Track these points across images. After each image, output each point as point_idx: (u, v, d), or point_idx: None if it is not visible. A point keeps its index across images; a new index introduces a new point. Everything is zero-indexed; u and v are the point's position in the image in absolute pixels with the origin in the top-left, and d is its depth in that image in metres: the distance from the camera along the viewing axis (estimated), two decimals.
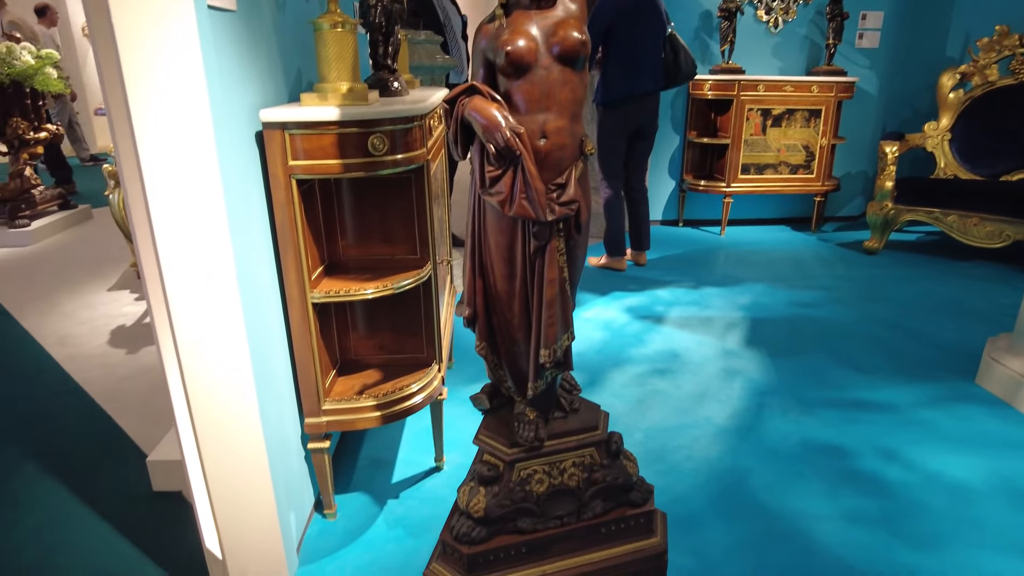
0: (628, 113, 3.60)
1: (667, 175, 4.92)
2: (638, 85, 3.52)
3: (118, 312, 3.51)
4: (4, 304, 3.70)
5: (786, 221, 5.06)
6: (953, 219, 4.10)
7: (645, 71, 3.51)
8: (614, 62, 3.51)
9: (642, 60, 3.49)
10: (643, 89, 3.54)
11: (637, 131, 3.68)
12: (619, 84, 3.52)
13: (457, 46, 4.03)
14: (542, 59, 1.13)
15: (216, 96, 1.28)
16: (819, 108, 4.51)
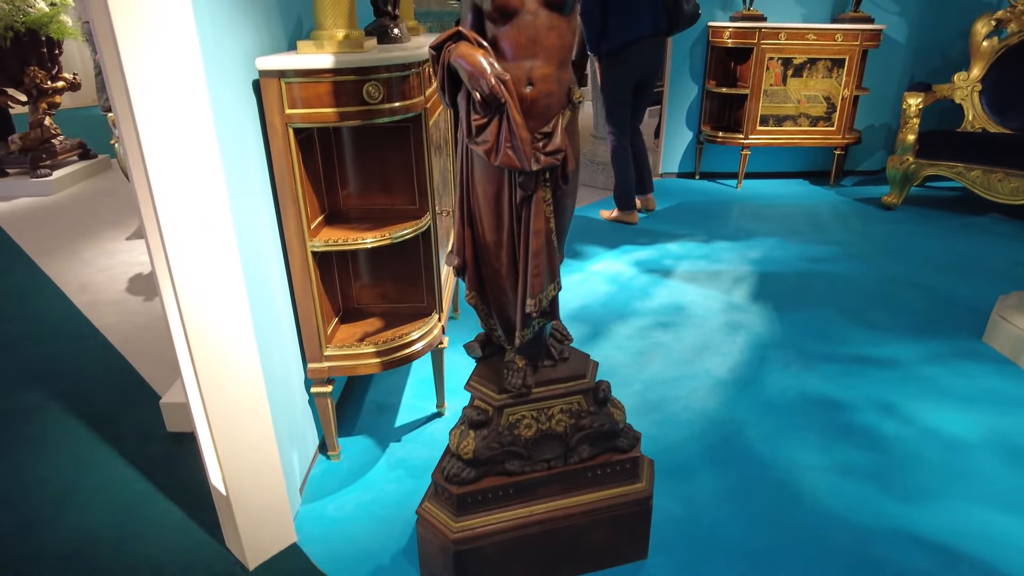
0: (631, 60, 3.52)
1: (684, 126, 4.82)
2: (639, 29, 3.44)
3: (136, 260, 3.59)
4: (28, 252, 3.80)
5: (805, 175, 4.96)
6: (977, 174, 3.99)
7: (645, 14, 3.43)
8: (615, 7, 3.41)
9: (641, 3, 3.41)
10: (643, 32, 3.45)
11: (648, 79, 3.62)
12: (619, 30, 3.44)
13: None
14: (528, 4, 1.12)
15: (208, 45, 1.28)
16: (843, 58, 4.36)
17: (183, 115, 1.24)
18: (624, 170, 3.77)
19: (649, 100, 3.74)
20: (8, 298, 3.17)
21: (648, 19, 3.44)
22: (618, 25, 3.44)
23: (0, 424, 2.15)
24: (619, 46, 3.48)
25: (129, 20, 1.16)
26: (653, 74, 3.64)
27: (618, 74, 3.58)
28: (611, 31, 3.46)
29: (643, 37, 3.46)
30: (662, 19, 3.49)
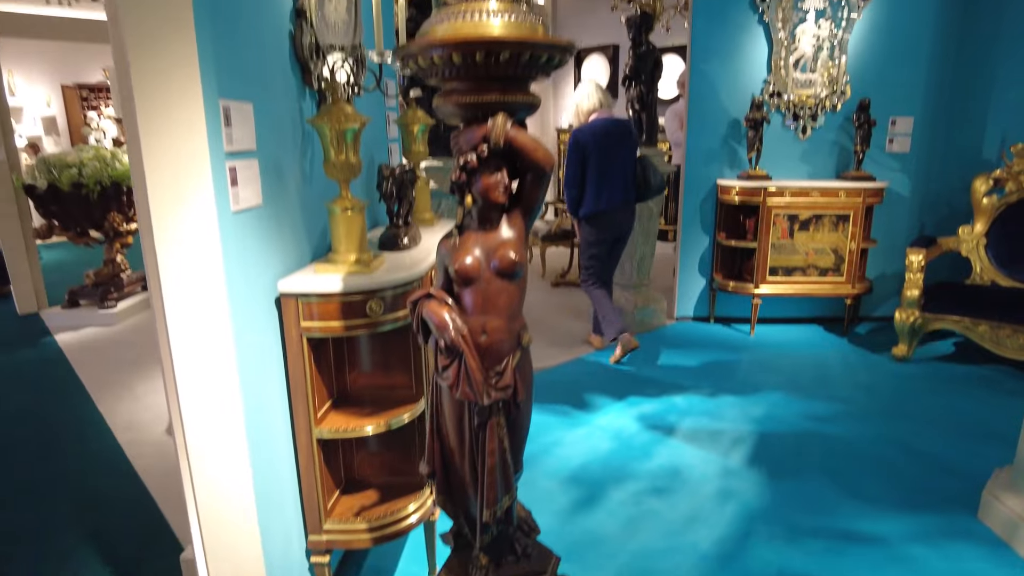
0: (605, 224, 4.08)
1: (697, 273, 5.07)
2: (611, 199, 3.99)
3: None
4: (86, 384, 4.18)
5: (819, 320, 5.08)
6: (984, 329, 4.06)
7: (617, 187, 4.00)
8: (590, 180, 3.99)
9: (615, 178, 3.99)
10: (616, 203, 4.02)
11: (616, 239, 4.16)
12: (593, 199, 4.00)
13: None
14: (484, 273, 1.39)
15: (235, 277, 1.60)
16: (847, 213, 4.60)
17: (209, 332, 1.54)
18: (603, 301, 4.18)
19: (622, 252, 4.30)
20: (63, 433, 3.50)
21: (619, 191, 4.01)
22: (592, 195, 4.00)
23: (32, 572, 2.38)
24: (594, 213, 4.03)
25: (169, 267, 1.48)
26: (625, 234, 4.20)
27: (594, 235, 4.12)
28: (587, 200, 4.03)
29: (615, 206, 4.01)
30: (631, 191, 4.08)
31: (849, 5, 4.62)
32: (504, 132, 1.31)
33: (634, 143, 4.08)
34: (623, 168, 4.00)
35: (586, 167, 3.98)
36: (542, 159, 1.35)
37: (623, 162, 4.00)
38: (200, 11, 1.44)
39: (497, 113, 1.32)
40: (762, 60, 4.74)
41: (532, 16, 1.32)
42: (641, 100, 4.58)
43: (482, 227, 1.41)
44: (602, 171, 3.96)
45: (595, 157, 3.95)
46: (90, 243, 5.87)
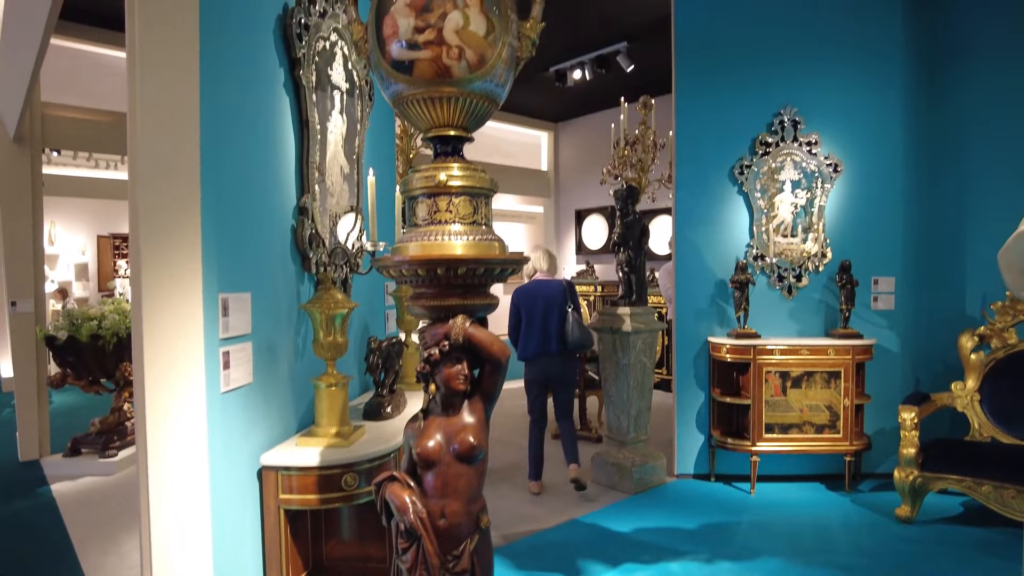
0: (534, 368, 4.71)
1: (696, 429, 5.08)
2: (540, 347, 4.65)
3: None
4: (74, 538, 4.14)
5: (821, 477, 4.99)
6: (988, 489, 3.98)
7: (544, 338, 4.65)
8: (522, 330, 4.72)
9: (540, 330, 4.66)
10: (542, 351, 4.64)
11: (552, 383, 4.74)
12: (523, 347, 4.70)
13: None
14: (444, 456, 1.49)
15: (217, 451, 1.71)
16: (838, 370, 4.68)
17: (187, 503, 1.63)
18: (532, 441, 4.76)
19: (567, 401, 4.83)
20: None
21: (544, 341, 4.65)
22: (522, 343, 4.70)
23: None
24: (522, 357, 4.70)
25: (157, 443, 1.60)
26: (561, 380, 4.73)
27: (530, 376, 4.75)
28: (523, 345, 4.70)
29: (539, 354, 4.65)
30: (556, 343, 4.65)
31: (822, 176, 5.01)
32: (463, 330, 1.47)
33: (562, 302, 4.69)
34: (546, 322, 4.64)
35: (520, 318, 4.70)
36: (498, 352, 1.50)
37: (545, 317, 4.64)
38: (208, 217, 1.68)
39: (458, 314, 1.50)
40: (744, 226, 5.06)
41: (490, 235, 1.54)
42: (629, 264, 4.86)
43: (445, 412, 1.53)
44: (529, 323, 4.67)
45: (525, 311, 4.70)
46: (100, 391, 6.03)
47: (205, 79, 1.69)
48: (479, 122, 1.65)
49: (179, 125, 1.61)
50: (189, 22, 1.64)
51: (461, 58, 1.47)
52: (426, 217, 1.52)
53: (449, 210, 1.50)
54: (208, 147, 1.68)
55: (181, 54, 1.62)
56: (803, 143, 5.01)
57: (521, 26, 1.61)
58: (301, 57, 2.27)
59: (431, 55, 1.46)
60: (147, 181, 1.55)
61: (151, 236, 1.57)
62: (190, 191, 1.60)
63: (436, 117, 1.56)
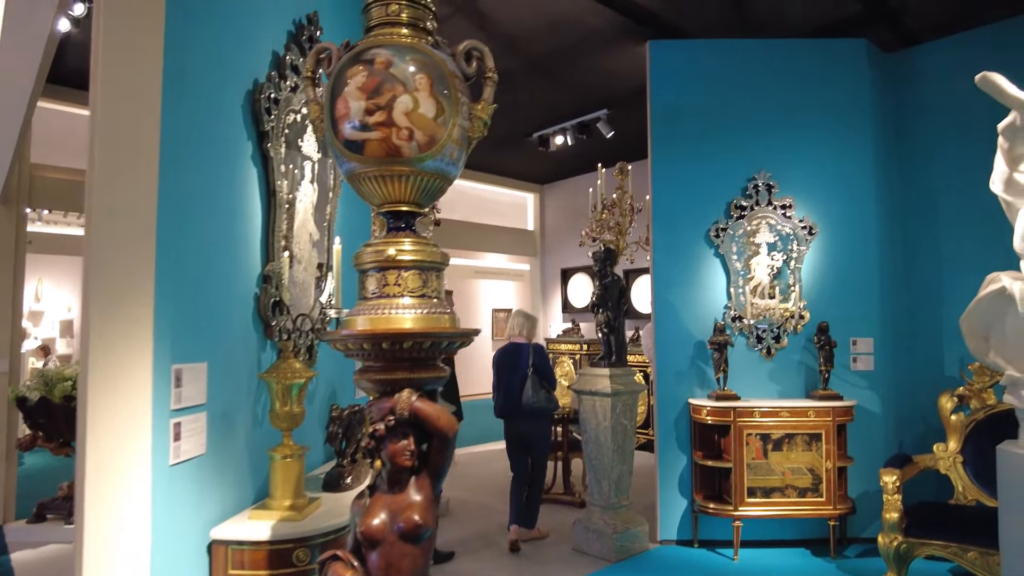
0: (510, 427, 5.00)
1: (678, 493, 4.99)
2: (507, 408, 4.95)
3: None
4: None
5: (806, 542, 4.88)
6: (974, 555, 3.89)
7: (511, 399, 4.92)
8: (498, 390, 5.05)
9: (509, 392, 4.94)
10: (511, 412, 4.92)
11: (525, 441, 4.97)
12: (498, 405, 5.03)
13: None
14: (388, 535, 1.46)
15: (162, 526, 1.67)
16: (819, 432, 4.65)
17: None
18: (512, 496, 4.97)
19: (538, 460, 5.05)
20: None
21: (512, 402, 4.92)
22: (498, 402, 5.04)
23: None
24: (500, 416, 5.02)
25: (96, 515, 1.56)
26: (531, 437, 4.97)
27: (506, 435, 5.05)
28: (496, 405, 5.05)
29: (510, 413, 4.95)
30: (520, 405, 4.88)
31: (798, 238, 5.10)
32: (408, 405, 1.47)
33: (524, 365, 4.96)
34: (512, 384, 4.93)
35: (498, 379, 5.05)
36: (445, 426, 1.50)
37: (511, 379, 4.94)
38: (163, 286, 1.69)
39: (404, 388, 1.50)
40: (721, 288, 5.12)
41: (439, 308, 1.55)
42: (608, 324, 4.87)
43: (391, 489, 1.51)
44: (499, 384, 5.04)
45: (497, 372, 5.07)
46: (69, 453, 5.90)
47: (166, 149, 1.73)
48: (432, 197, 1.69)
49: (135, 193, 1.64)
50: (151, 92, 1.70)
51: (411, 139, 1.53)
52: (375, 290, 1.54)
53: (398, 283, 1.52)
54: (166, 216, 1.71)
55: (143, 121, 1.67)
56: (778, 206, 5.11)
57: (472, 107, 1.67)
58: (269, 130, 2.34)
59: (381, 136, 1.51)
60: (100, 249, 1.56)
61: (102, 306, 1.58)
62: (144, 261, 1.62)
63: (388, 193, 1.60)
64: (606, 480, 4.78)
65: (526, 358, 5.01)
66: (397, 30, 1.62)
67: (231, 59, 2.24)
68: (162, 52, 1.74)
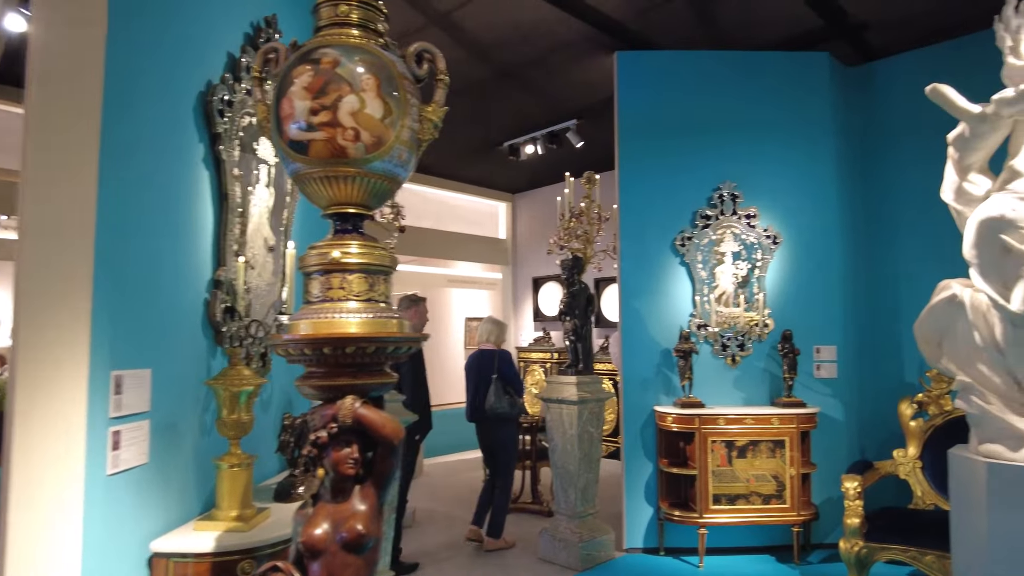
0: (479, 429, 5.14)
1: (644, 501, 5.00)
2: (473, 413, 5.11)
3: None
4: None
5: (771, 549, 4.91)
6: (931, 559, 3.94)
7: (477, 404, 5.06)
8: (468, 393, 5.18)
9: (474, 397, 5.09)
10: (476, 416, 5.07)
11: (489, 445, 5.10)
12: (467, 410, 5.18)
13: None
14: (331, 545, 1.43)
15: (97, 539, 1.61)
16: (783, 439, 4.69)
17: None
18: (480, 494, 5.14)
19: (499, 465, 5.10)
20: None
21: (477, 407, 5.03)
22: (468, 406, 5.17)
23: None
24: (471, 420, 5.15)
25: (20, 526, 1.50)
26: (497, 444, 5.07)
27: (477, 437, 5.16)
28: (467, 409, 5.18)
29: (475, 417, 5.09)
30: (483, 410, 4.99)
31: (762, 248, 5.16)
32: (351, 412, 1.44)
33: (488, 371, 5.04)
34: (478, 389, 5.05)
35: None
36: (390, 433, 1.47)
37: (478, 385, 5.05)
38: (102, 290, 1.63)
39: (346, 395, 1.46)
40: (687, 296, 5.15)
41: (386, 312, 1.53)
42: (575, 332, 4.87)
43: (335, 499, 1.48)
44: (468, 389, 5.18)
45: (467, 379, 5.21)
46: None
47: (107, 150, 1.68)
48: (380, 200, 1.67)
49: (73, 194, 1.58)
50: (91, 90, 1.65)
51: (357, 139, 1.50)
52: (319, 294, 1.51)
53: (342, 287, 1.49)
54: (106, 220, 1.66)
55: (81, 120, 1.62)
56: (742, 216, 5.17)
57: (423, 110, 1.65)
58: (222, 132, 2.30)
59: (326, 136, 1.49)
60: (33, 253, 1.51)
61: (34, 309, 1.52)
62: (82, 264, 1.57)
63: (334, 195, 1.58)
64: (572, 489, 4.76)
65: (488, 365, 5.09)
66: (346, 31, 1.60)
67: (185, 60, 2.20)
68: (103, 49, 1.69)
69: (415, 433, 4.43)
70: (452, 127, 7.57)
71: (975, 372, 2.97)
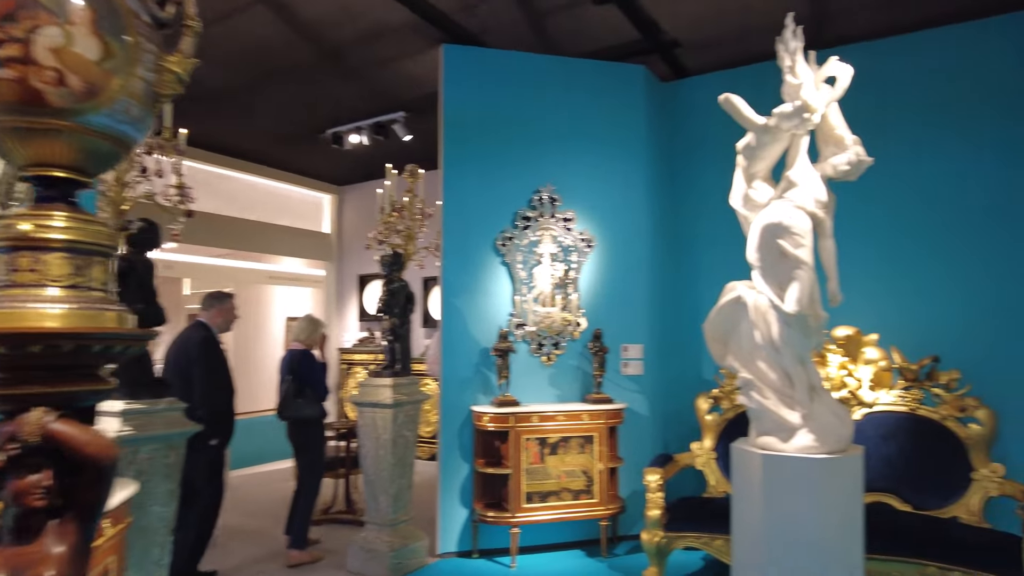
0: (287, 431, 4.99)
1: (459, 504, 4.90)
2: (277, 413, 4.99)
3: None
4: None
5: (582, 544, 5.04)
6: (720, 543, 4.23)
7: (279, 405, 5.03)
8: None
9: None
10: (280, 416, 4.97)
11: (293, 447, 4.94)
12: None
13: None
14: None
15: None
16: (592, 434, 4.83)
17: None
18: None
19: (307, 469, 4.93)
20: None
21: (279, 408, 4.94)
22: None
23: None
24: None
25: None
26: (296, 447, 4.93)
27: None
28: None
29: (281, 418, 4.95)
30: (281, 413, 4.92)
31: (577, 250, 5.29)
32: (39, 428, 1.13)
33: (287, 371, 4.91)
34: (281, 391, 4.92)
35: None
36: (95, 453, 1.17)
37: (280, 386, 4.92)
38: None
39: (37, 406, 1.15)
40: (507, 295, 5.15)
41: (100, 303, 1.22)
42: (394, 331, 4.66)
43: (18, 540, 1.15)
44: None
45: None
46: None
47: None
48: (103, 164, 1.36)
49: None
50: None
51: (61, 83, 1.19)
52: (3, 278, 1.18)
53: (33, 269, 1.17)
54: None
55: None
56: (560, 219, 5.27)
57: (163, 58, 1.37)
58: None
59: (15, 75, 1.16)
60: None
61: None
62: None
63: (33, 153, 1.24)
64: (384, 495, 4.54)
65: (289, 364, 4.96)
66: None
67: None
68: None
69: (208, 439, 3.92)
70: (272, 110, 7.02)
71: (755, 369, 3.20)
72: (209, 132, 7.41)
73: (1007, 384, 4.38)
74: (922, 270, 4.84)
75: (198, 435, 3.24)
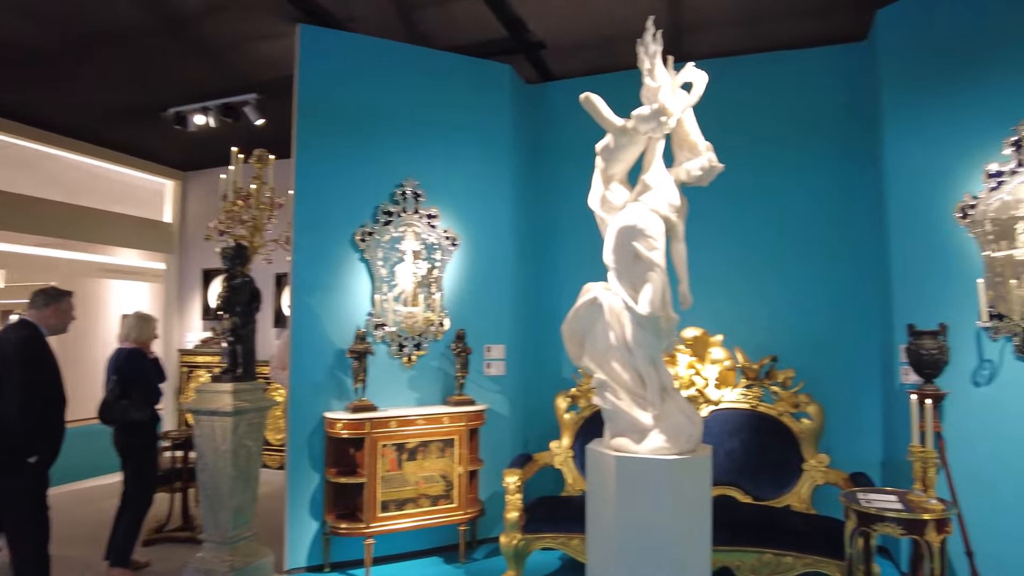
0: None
1: (309, 516, 4.59)
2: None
3: None
4: None
5: (440, 550, 4.91)
6: (577, 542, 4.25)
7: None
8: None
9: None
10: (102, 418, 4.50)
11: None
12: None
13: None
14: None
15: None
16: (452, 437, 4.71)
17: None
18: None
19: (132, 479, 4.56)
20: None
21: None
22: None
23: None
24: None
25: None
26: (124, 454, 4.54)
27: None
28: None
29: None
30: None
31: (442, 248, 5.15)
32: None
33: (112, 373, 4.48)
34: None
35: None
36: None
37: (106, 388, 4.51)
38: None
39: None
40: (365, 294, 4.89)
41: None
42: (235, 332, 4.24)
43: None
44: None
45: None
46: None
47: None
48: None
49: None
50: None
51: None
52: None
53: None
54: None
55: None
56: (424, 216, 5.11)
57: None
58: None
59: None
60: None
61: None
62: None
63: None
64: (223, 511, 4.11)
65: (114, 363, 4.58)
66: None
67: None
68: None
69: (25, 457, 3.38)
70: (102, 81, 6.22)
71: (609, 369, 3.23)
72: (22, 101, 6.47)
73: (832, 381, 4.81)
74: (762, 276, 5.20)
75: (13, 455, 2.71)
